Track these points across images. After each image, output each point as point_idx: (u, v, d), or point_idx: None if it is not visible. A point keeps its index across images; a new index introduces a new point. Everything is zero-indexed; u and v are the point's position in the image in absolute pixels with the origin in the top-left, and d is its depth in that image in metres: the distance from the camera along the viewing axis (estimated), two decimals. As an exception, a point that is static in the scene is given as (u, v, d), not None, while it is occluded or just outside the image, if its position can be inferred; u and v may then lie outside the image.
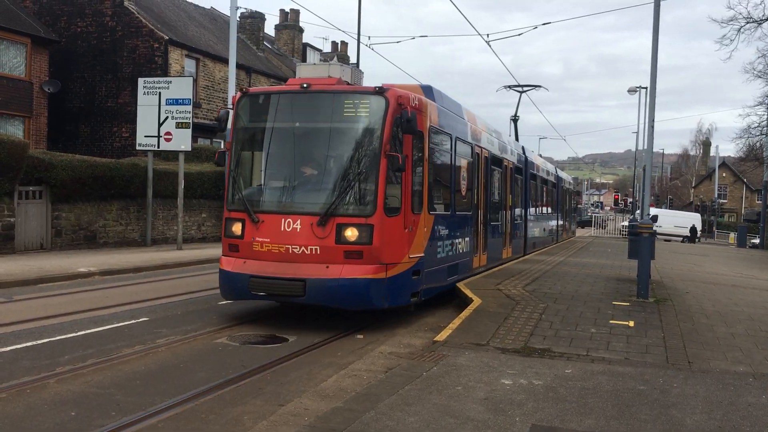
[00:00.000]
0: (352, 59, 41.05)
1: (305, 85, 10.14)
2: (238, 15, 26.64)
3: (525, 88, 28.42)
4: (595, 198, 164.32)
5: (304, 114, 10.25)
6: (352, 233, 9.47)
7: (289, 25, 42.86)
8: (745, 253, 38.22)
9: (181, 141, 21.06)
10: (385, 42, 41.71)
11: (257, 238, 9.78)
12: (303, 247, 9.52)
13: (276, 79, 35.32)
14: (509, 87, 28.33)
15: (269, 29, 43.31)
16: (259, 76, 34.60)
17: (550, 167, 29.14)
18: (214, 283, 12.05)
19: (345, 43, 49.38)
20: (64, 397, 6.42)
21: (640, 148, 48.64)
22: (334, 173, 9.95)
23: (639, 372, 7.43)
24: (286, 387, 6.98)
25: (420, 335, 9.88)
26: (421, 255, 10.60)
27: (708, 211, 67.91)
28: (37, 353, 8.00)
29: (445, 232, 12.03)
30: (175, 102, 20.95)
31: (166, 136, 21.07)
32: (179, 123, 20.94)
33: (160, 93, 21.04)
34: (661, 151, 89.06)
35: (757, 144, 39.77)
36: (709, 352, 8.55)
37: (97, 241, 20.86)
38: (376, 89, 9.94)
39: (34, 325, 9.57)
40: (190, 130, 21.02)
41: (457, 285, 13.07)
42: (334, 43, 49.20)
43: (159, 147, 21.31)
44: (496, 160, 16.82)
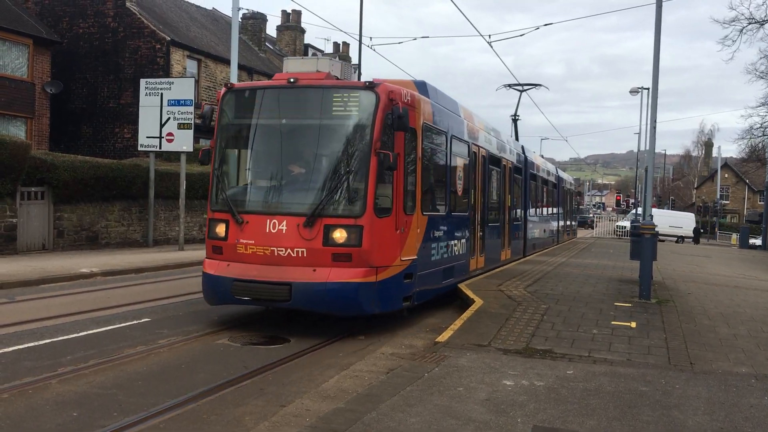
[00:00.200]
0: (354, 60, 41.06)
1: (292, 80, 9.72)
2: (240, 16, 26.64)
3: (525, 87, 28.19)
4: (597, 199, 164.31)
5: (291, 110, 9.85)
6: (340, 235, 9.09)
7: (291, 26, 42.89)
8: (747, 254, 38.15)
9: (183, 142, 21.07)
10: (387, 43, 41.78)
11: (241, 240, 9.40)
12: (289, 250, 9.14)
13: (278, 79, 35.27)
14: (509, 86, 28.10)
15: (271, 30, 43.35)
16: (260, 76, 34.61)
17: (551, 167, 28.93)
18: (215, 283, 12.04)
19: (347, 44, 49.40)
20: (65, 398, 6.42)
21: (642, 149, 48.60)
22: (322, 172, 9.54)
23: (641, 373, 7.42)
24: (287, 388, 6.98)
25: (421, 336, 9.87)
26: (414, 257, 10.22)
27: (710, 212, 67.83)
28: (39, 354, 8.00)
29: (440, 233, 11.66)
30: (177, 103, 20.97)
31: (168, 137, 21.08)
32: (181, 124, 20.95)
33: (161, 94, 21.07)
34: (663, 152, 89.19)
35: (759, 145, 39.79)
36: (711, 353, 8.53)
37: (99, 241, 20.87)
38: (366, 84, 9.54)
39: (36, 326, 9.58)
40: (192, 131, 21.03)
41: (458, 286, 13.03)
42: (335, 44, 49.24)
43: (161, 148, 21.32)
44: (494, 160, 16.44)
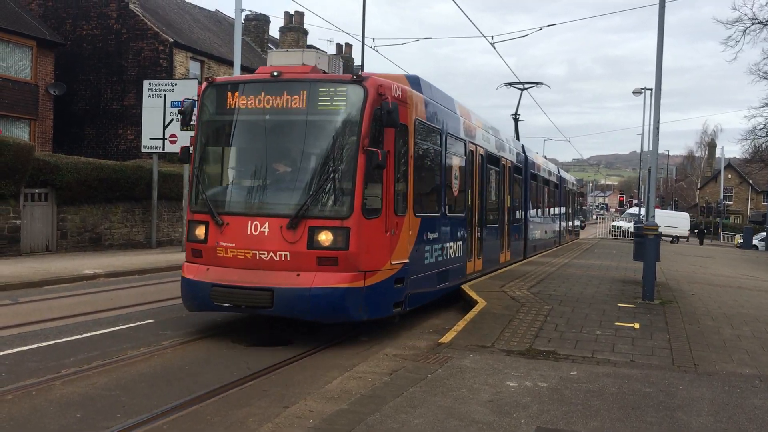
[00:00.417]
0: (357, 61, 41.08)
1: (275, 74, 9.28)
2: (243, 17, 26.70)
3: (526, 86, 27.86)
4: (600, 200, 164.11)
5: (274, 105, 9.26)
6: (325, 237, 8.62)
7: (294, 27, 42.90)
8: (750, 255, 38.09)
9: (186, 143, 21.06)
10: (390, 44, 41.74)
11: (221, 243, 8.94)
12: (271, 253, 8.66)
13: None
14: (510, 84, 27.78)
15: (274, 32, 43.38)
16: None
17: (552, 167, 28.69)
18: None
19: (350, 45, 49.41)
20: (69, 399, 6.43)
21: (645, 149, 48.50)
22: (307, 171, 9.08)
23: (644, 374, 7.40)
24: (290, 389, 6.98)
25: (425, 337, 9.86)
26: (406, 261, 9.76)
27: (713, 213, 67.75)
28: (42, 355, 8.01)
29: (434, 235, 11.17)
30: (180, 104, 20.98)
31: (171, 139, 21.12)
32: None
33: (165, 95, 21.10)
34: (666, 152, 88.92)
35: (762, 145, 39.72)
36: (715, 354, 8.52)
37: (102, 243, 20.90)
38: (354, 77, 9.06)
39: (40, 327, 9.59)
40: (195, 132, 21.01)
41: (461, 287, 13.03)
42: (338, 45, 49.24)
43: (164, 149, 21.36)
44: (492, 159, 16.00)
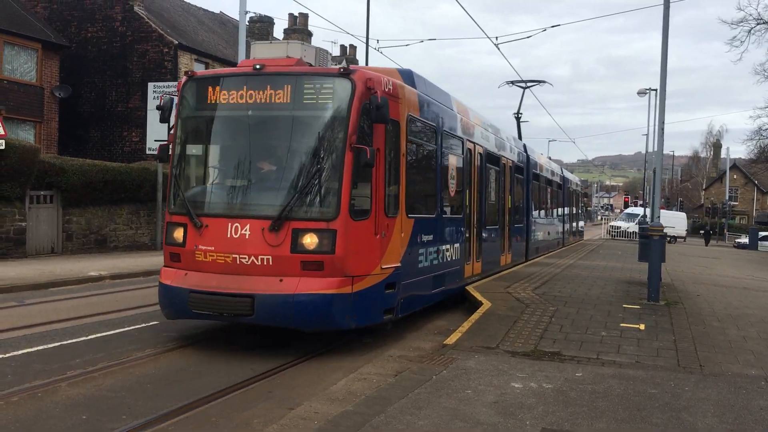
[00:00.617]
0: (361, 62, 41.12)
1: (258, 67, 8.80)
2: (247, 19, 26.72)
3: (528, 84, 27.38)
4: (605, 200, 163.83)
5: (257, 100, 8.77)
6: (310, 240, 8.15)
7: (298, 29, 42.94)
8: (756, 256, 37.99)
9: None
10: (394, 45, 41.80)
11: (200, 246, 8.47)
12: (252, 257, 8.19)
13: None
14: (512, 83, 27.31)
15: (278, 33, 43.40)
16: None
17: (555, 167, 28.39)
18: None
19: (354, 47, 49.42)
20: (75, 401, 6.44)
21: (650, 150, 48.43)
22: (291, 170, 8.60)
23: (650, 375, 7.39)
24: (295, 390, 6.99)
25: (429, 338, 9.86)
26: (397, 265, 9.27)
27: (719, 214, 67.57)
28: (48, 357, 8.03)
29: (429, 237, 10.67)
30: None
31: (176, 141, 21.12)
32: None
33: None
34: (671, 153, 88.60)
35: (768, 146, 39.56)
36: (720, 355, 8.49)
37: (107, 245, 20.95)
38: (341, 70, 8.62)
39: (46, 329, 9.61)
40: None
41: (466, 288, 12.99)
42: (342, 47, 49.25)
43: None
44: (492, 158, 15.53)
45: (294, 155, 8.71)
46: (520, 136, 25.53)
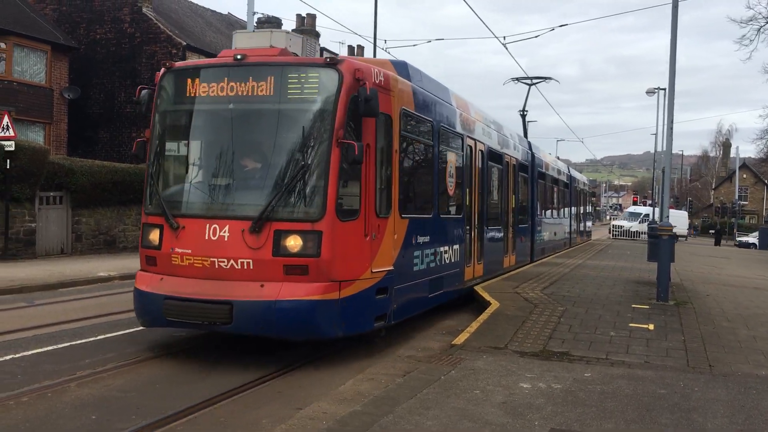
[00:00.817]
0: (369, 63, 41.12)
1: (239, 57, 8.29)
2: (255, 20, 26.76)
3: (534, 81, 26.74)
4: (614, 200, 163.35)
5: (238, 93, 8.24)
6: (294, 242, 7.63)
7: (306, 29, 42.93)
8: (766, 256, 37.77)
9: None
10: (402, 45, 41.86)
11: (177, 249, 7.97)
12: (232, 261, 7.69)
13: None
14: (517, 79, 26.75)
15: (286, 34, 43.52)
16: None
17: (562, 166, 28.00)
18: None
19: (361, 47, 49.47)
20: (84, 401, 6.47)
21: (659, 149, 48.28)
22: (273, 167, 8.07)
23: (659, 376, 7.36)
24: (303, 391, 7.00)
25: (438, 338, 9.85)
26: (390, 268, 8.76)
27: (728, 213, 67.26)
28: (58, 357, 8.07)
29: (425, 239, 10.14)
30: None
31: (185, 141, 21.18)
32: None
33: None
34: (680, 152, 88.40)
35: (778, 145, 39.33)
36: (730, 355, 8.45)
37: (116, 245, 21.05)
38: (327, 60, 8.10)
39: (55, 329, 9.66)
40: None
41: (474, 288, 12.95)
42: (350, 47, 49.31)
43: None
44: (494, 156, 14.99)
45: (277, 151, 8.19)
46: (525, 134, 24.92)
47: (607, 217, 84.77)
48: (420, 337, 9.97)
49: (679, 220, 51.49)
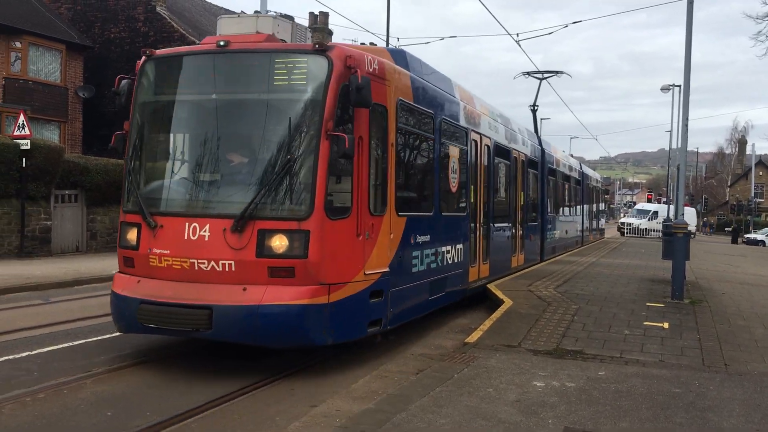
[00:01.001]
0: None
1: (221, 43, 7.77)
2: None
3: (545, 75, 26.00)
4: (628, 198, 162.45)
5: (220, 82, 7.83)
6: (279, 243, 7.13)
7: (318, 27, 42.92)
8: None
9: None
10: (414, 43, 41.71)
11: (155, 250, 7.47)
12: (212, 262, 7.18)
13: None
14: (528, 73, 26.00)
15: (299, 32, 43.59)
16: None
17: (574, 162, 27.57)
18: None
19: (374, 45, 49.43)
20: (100, 398, 6.51)
21: (673, 146, 47.91)
22: (257, 161, 7.58)
23: (674, 374, 7.32)
24: (317, 388, 7.01)
25: (451, 337, 9.85)
26: (385, 270, 8.25)
27: (744, 211, 66.75)
28: (74, 354, 8.13)
29: (425, 238, 9.60)
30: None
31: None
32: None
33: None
34: (695, 149, 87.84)
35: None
36: (746, 354, 8.39)
37: (131, 243, 21.14)
38: (316, 46, 7.51)
39: (71, 326, 9.73)
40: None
41: (487, 286, 12.92)
42: (363, 45, 49.32)
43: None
44: (501, 151, 14.37)
45: (262, 144, 7.65)
46: (536, 130, 24.05)
47: (621, 214, 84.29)
48: (433, 335, 9.96)
49: (687, 217, 51.14)
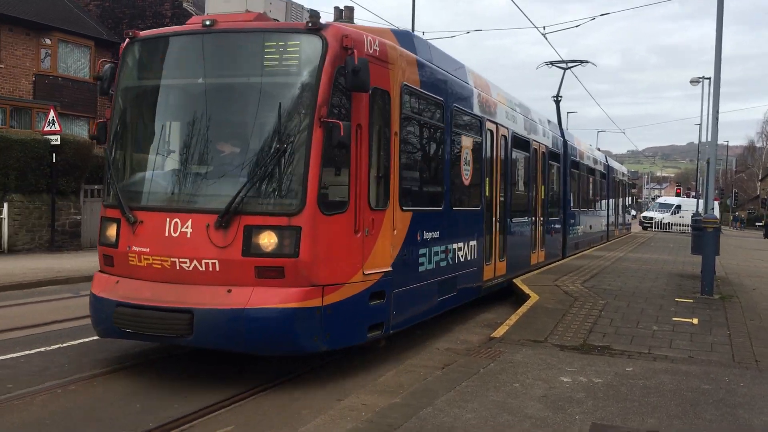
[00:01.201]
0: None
1: (207, 23, 7.20)
2: (294, 13, 26.91)
3: (569, 64, 25.11)
4: (656, 192, 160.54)
5: (204, 65, 7.22)
6: (267, 240, 6.54)
7: (344, 22, 43.09)
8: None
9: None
10: (440, 37, 41.52)
11: (134, 247, 6.92)
12: (195, 261, 6.61)
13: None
14: (551, 63, 25.16)
15: (324, 27, 43.61)
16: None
17: (599, 155, 27.02)
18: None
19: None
20: (131, 390, 6.60)
21: (703, 140, 47.25)
22: (244, 151, 7.00)
23: (703, 371, 7.23)
24: (343, 382, 7.04)
25: (476, 331, 9.83)
26: (387, 270, 7.64)
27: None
28: (105, 346, 8.22)
29: (434, 234, 9.02)
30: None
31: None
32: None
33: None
34: (725, 143, 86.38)
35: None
36: (777, 350, 8.26)
37: (159, 237, 21.39)
38: (309, 25, 6.87)
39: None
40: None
41: (513, 281, 12.84)
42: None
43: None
44: (520, 142, 13.67)
45: (250, 132, 7.10)
46: (559, 121, 23.22)
47: (650, 209, 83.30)
48: (458, 329, 9.95)
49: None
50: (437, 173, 9.53)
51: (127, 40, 7.64)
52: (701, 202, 42.29)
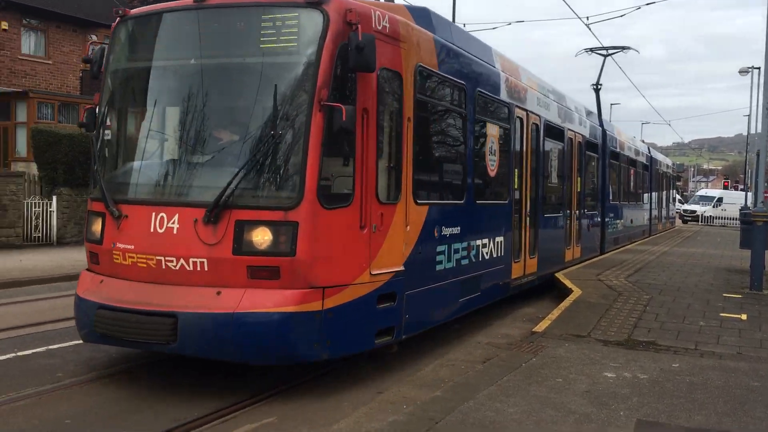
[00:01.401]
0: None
1: None
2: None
3: (610, 51, 23.67)
4: (703, 185, 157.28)
5: (195, 44, 6.64)
6: (261, 237, 5.96)
7: None
8: None
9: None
10: (481, 29, 41.17)
11: (118, 244, 6.40)
12: (182, 260, 6.07)
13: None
14: (591, 50, 23.76)
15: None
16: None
17: (641, 146, 26.06)
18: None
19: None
20: (160, 384, 6.70)
21: (752, 131, 46.05)
22: (236, 138, 6.44)
23: (752, 367, 7.05)
24: (382, 375, 7.05)
25: (517, 326, 9.75)
26: (398, 269, 6.98)
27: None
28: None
29: (454, 230, 8.32)
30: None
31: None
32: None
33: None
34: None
35: None
36: (831, 348, 8.01)
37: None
38: None
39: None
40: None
41: (555, 275, 12.69)
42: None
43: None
44: (554, 131, 12.86)
45: (242, 118, 6.54)
46: (599, 110, 22.01)
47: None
48: (498, 324, 9.88)
49: (735, 200, 48.95)
50: (458, 164, 8.79)
51: (117, 19, 7.11)
52: (750, 195, 41.17)
